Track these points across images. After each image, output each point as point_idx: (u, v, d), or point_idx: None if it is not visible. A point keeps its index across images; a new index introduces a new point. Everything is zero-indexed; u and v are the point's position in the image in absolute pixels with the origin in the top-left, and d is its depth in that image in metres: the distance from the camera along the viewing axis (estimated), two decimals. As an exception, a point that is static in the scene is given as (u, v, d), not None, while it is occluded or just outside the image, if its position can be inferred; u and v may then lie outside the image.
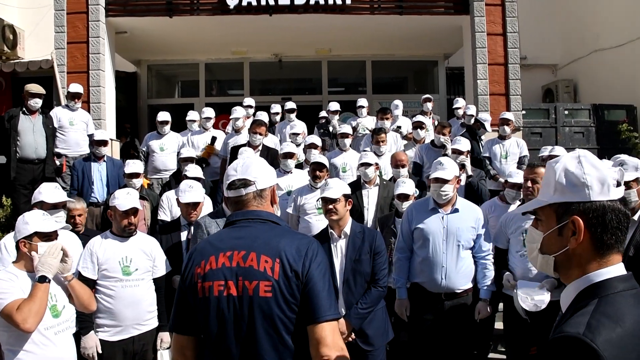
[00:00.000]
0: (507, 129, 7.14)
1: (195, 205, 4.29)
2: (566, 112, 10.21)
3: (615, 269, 1.30)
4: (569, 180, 1.32)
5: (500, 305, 4.77)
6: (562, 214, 1.33)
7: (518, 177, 5.04)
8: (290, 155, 5.78)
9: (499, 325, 5.17)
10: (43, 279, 2.75)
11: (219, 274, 1.83)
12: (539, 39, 11.86)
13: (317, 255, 1.87)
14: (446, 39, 10.53)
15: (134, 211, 3.62)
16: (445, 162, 4.07)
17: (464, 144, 5.80)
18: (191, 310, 1.88)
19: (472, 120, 7.68)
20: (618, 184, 1.31)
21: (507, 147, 7.11)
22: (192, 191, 4.28)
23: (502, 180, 6.23)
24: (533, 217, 1.46)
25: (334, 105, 8.27)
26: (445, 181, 3.94)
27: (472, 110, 7.92)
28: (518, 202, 5.14)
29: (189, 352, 1.91)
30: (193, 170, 5.49)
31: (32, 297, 2.70)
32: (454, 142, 5.98)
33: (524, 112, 9.31)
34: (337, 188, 3.65)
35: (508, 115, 7.34)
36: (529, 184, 4.04)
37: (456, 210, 4.04)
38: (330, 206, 3.63)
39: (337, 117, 8.21)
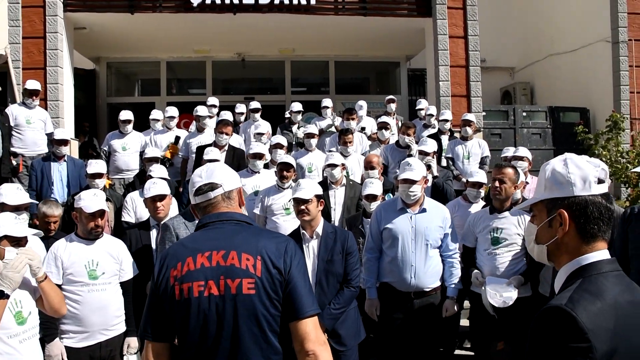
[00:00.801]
0: (469, 130, 7.29)
1: (162, 197, 4.18)
2: (524, 114, 10.50)
3: (599, 254, 1.47)
4: (556, 179, 1.52)
5: (466, 303, 4.88)
6: (551, 208, 1.53)
7: (478, 176, 5.18)
8: (259, 155, 5.74)
9: (464, 322, 5.29)
10: (1, 294, 2.57)
11: (198, 274, 1.82)
12: (498, 42, 12.14)
13: (296, 253, 1.93)
14: (409, 41, 10.66)
15: (100, 213, 3.52)
16: (413, 163, 4.12)
17: (430, 145, 5.89)
18: (166, 316, 1.85)
19: (432, 121, 7.74)
20: (600, 181, 1.49)
21: (469, 148, 7.25)
22: (156, 186, 4.19)
23: (464, 180, 6.35)
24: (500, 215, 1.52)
25: (297, 106, 8.26)
26: (413, 182, 3.99)
27: (432, 110, 7.98)
28: (481, 202, 5.27)
29: (164, 359, 1.89)
30: (158, 170, 5.38)
31: None
32: (421, 144, 6.06)
33: (484, 113, 9.52)
34: (309, 188, 3.64)
35: (470, 116, 7.50)
36: (497, 184, 4.13)
37: (424, 210, 4.09)
38: (302, 207, 3.62)
39: (299, 117, 8.22)
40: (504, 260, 4.12)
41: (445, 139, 7.56)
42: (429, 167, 5.56)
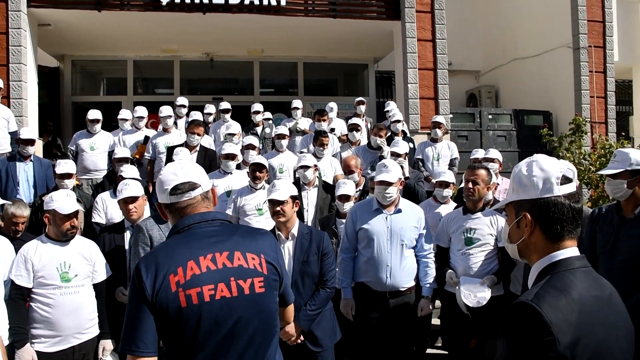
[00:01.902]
0: (439, 132, 7.39)
1: (134, 199, 4.09)
2: (490, 116, 10.71)
3: (568, 251, 1.53)
4: (521, 181, 1.58)
5: (437, 302, 4.96)
6: (518, 210, 1.60)
7: (446, 176, 5.28)
8: (232, 156, 5.71)
9: (435, 321, 5.37)
10: None
11: (206, 278, 1.76)
12: (463, 46, 12.36)
13: (280, 250, 2.06)
14: (377, 43, 10.76)
15: (75, 214, 3.45)
16: (389, 165, 4.16)
17: (402, 147, 5.95)
18: (158, 326, 1.74)
19: (399, 126, 7.71)
20: (566, 181, 1.53)
21: (439, 150, 7.37)
22: (129, 188, 4.11)
23: (434, 181, 6.43)
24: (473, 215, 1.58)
25: (256, 106, 8.28)
26: (389, 184, 4.03)
27: (398, 115, 7.77)
28: (451, 202, 5.37)
29: None
30: (129, 170, 5.27)
31: None
32: (393, 145, 6.11)
33: (451, 115, 9.69)
34: (284, 190, 3.63)
35: (440, 118, 7.60)
36: (470, 185, 4.20)
37: (399, 211, 4.14)
38: (278, 208, 3.60)
39: (259, 116, 8.21)
40: (477, 260, 4.20)
41: (396, 139, 7.52)
42: (401, 168, 5.63)
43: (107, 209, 5.15)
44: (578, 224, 1.54)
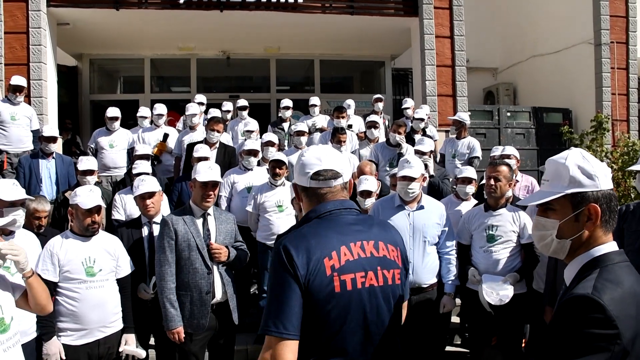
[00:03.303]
0: (460, 130, 7.33)
1: (152, 194, 4.09)
2: (508, 114, 10.59)
3: (610, 245, 1.53)
4: (583, 173, 1.52)
5: (457, 300, 4.91)
6: (577, 202, 1.53)
7: (467, 172, 5.22)
8: (254, 152, 5.72)
9: (454, 319, 5.33)
10: None
11: (358, 265, 1.76)
12: (481, 43, 12.24)
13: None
14: (394, 40, 10.71)
15: (97, 209, 3.47)
16: (412, 161, 4.14)
17: (427, 145, 5.91)
18: (311, 309, 1.69)
19: (421, 125, 7.68)
20: None
21: (458, 148, 7.30)
22: (145, 183, 4.12)
23: (451, 178, 6.38)
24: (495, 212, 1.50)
25: (285, 102, 8.26)
26: (412, 179, 4.01)
27: (420, 113, 7.71)
28: (472, 199, 5.32)
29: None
30: (141, 166, 5.34)
31: None
32: (418, 143, 6.08)
33: (469, 113, 9.58)
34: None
35: (465, 116, 7.52)
36: (492, 181, 4.15)
37: (422, 207, 4.12)
38: None
39: (289, 112, 8.19)
40: (499, 258, 4.15)
41: (420, 137, 7.51)
42: (425, 166, 5.59)
43: (126, 206, 5.17)
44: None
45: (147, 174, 5.05)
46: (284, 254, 1.71)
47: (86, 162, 5.37)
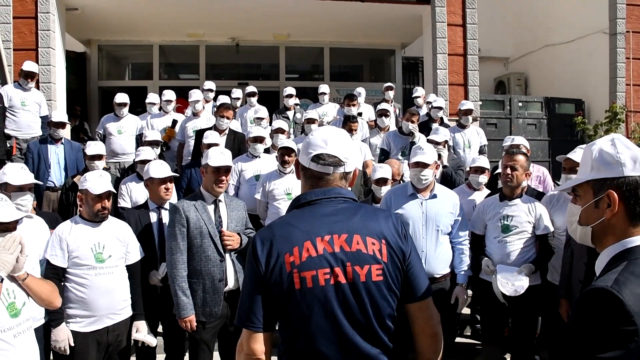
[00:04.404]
0: (470, 119, 7.23)
1: (172, 179, 4.09)
2: (520, 104, 10.47)
3: None
4: (604, 159, 1.48)
5: (468, 291, 4.85)
6: (598, 189, 1.49)
7: (481, 161, 5.14)
8: (260, 139, 5.65)
9: (465, 310, 5.27)
10: None
11: (322, 261, 1.66)
12: (492, 32, 12.07)
13: (408, 233, 1.82)
14: (405, 29, 10.59)
15: (107, 194, 3.42)
16: (425, 147, 4.06)
17: (441, 135, 5.83)
18: (273, 304, 1.69)
19: (439, 114, 7.59)
20: None
21: (469, 136, 7.20)
22: (164, 167, 4.07)
23: (468, 168, 6.29)
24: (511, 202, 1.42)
25: (288, 90, 8.20)
26: (425, 165, 3.93)
27: (439, 102, 7.62)
28: (485, 189, 5.24)
29: (268, 348, 1.73)
30: (144, 153, 5.22)
31: None
32: (432, 133, 5.99)
33: (480, 102, 9.49)
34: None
35: (469, 104, 7.43)
36: (509, 170, 4.07)
37: (435, 196, 4.04)
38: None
39: (292, 100, 8.12)
40: (514, 248, 4.08)
41: (435, 126, 7.44)
42: (439, 156, 5.51)
43: (132, 193, 5.13)
44: None
45: (150, 161, 4.98)
46: (251, 247, 1.73)
47: (94, 147, 5.33)
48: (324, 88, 8.31)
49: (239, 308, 1.74)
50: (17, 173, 3.14)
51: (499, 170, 5.43)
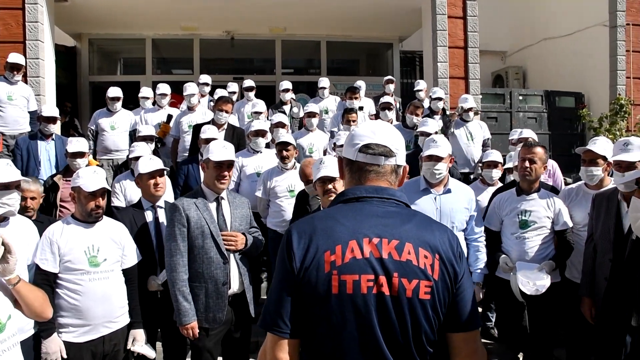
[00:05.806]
0: (471, 114, 7.04)
1: (162, 173, 3.78)
2: (520, 97, 10.32)
3: None
4: None
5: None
6: None
7: (494, 155, 4.97)
8: (262, 133, 5.43)
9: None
10: None
11: (366, 266, 1.45)
12: (489, 26, 11.86)
13: (463, 252, 1.60)
14: (403, 22, 10.43)
15: (101, 192, 3.17)
16: (439, 140, 3.83)
17: (431, 126, 5.64)
18: (304, 307, 1.50)
19: (440, 104, 7.41)
20: None
21: (471, 129, 7.02)
22: (153, 161, 3.79)
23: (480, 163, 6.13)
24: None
25: (285, 84, 8.02)
26: (439, 159, 3.71)
27: (439, 93, 7.52)
28: (499, 184, 5.06)
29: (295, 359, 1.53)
30: (139, 149, 4.96)
31: None
32: (421, 124, 5.82)
33: (481, 96, 9.32)
34: (334, 165, 3.33)
35: (471, 103, 7.22)
36: (527, 163, 3.87)
37: (449, 191, 3.81)
38: (330, 186, 3.32)
39: (288, 95, 7.93)
40: (533, 245, 3.89)
41: (437, 119, 7.27)
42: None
43: (126, 192, 4.88)
44: None
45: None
46: (285, 240, 1.54)
47: (75, 144, 4.97)
48: (324, 82, 8.10)
49: (264, 309, 1.55)
50: (2, 169, 2.88)
51: (507, 164, 5.28)
